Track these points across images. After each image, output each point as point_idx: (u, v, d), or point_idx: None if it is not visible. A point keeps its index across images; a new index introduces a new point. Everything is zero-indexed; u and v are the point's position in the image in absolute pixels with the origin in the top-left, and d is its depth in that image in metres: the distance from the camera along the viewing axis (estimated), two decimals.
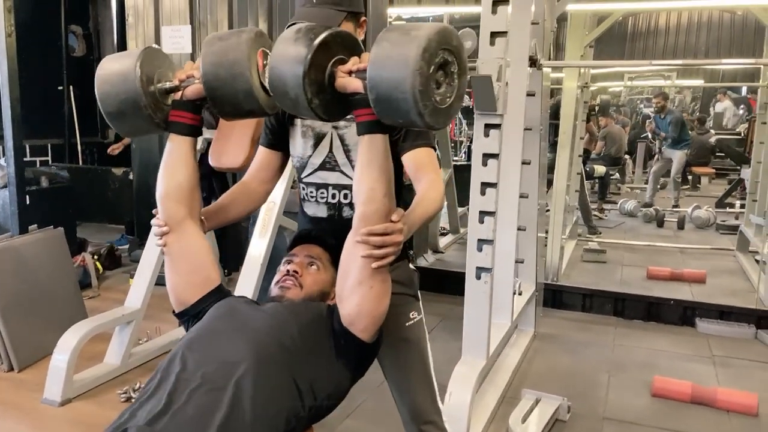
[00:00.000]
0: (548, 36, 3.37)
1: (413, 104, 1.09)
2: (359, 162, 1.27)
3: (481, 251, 2.41)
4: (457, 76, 1.17)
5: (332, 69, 1.22)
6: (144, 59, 1.35)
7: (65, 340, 2.83)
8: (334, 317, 1.36)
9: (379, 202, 1.25)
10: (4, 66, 3.18)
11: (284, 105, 1.26)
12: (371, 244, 1.26)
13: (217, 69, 1.30)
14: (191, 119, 1.40)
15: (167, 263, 1.46)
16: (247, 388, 1.18)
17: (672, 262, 5.29)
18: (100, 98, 1.37)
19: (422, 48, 1.07)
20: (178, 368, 1.24)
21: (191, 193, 1.44)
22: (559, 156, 4.59)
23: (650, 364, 3.36)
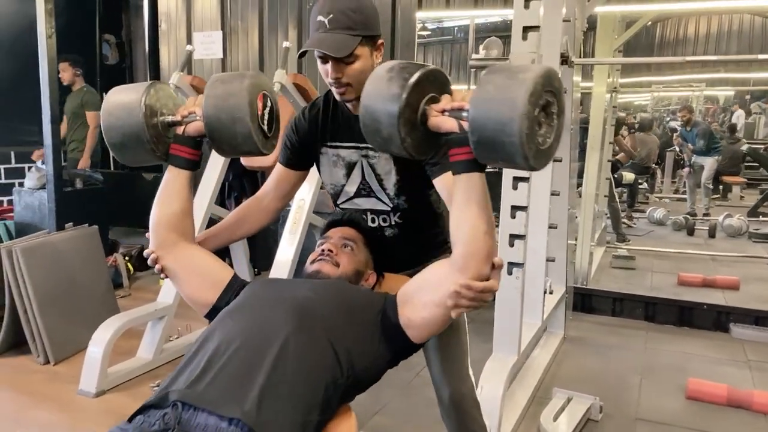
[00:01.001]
0: (579, 36, 3.37)
1: (519, 147, 1.06)
2: (456, 201, 1.22)
3: (512, 246, 2.41)
4: (556, 117, 1.16)
5: (424, 107, 1.20)
6: (149, 94, 1.40)
7: (100, 333, 2.89)
8: (388, 308, 1.36)
9: (481, 241, 1.20)
10: (45, 67, 3.27)
11: (374, 143, 1.26)
12: (464, 296, 1.20)
13: (218, 112, 1.36)
14: (191, 154, 1.46)
15: (173, 282, 1.52)
16: (288, 350, 1.21)
17: (703, 269, 5.19)
18: (105, 130, 1.42)
19: (530, 92, 1.06)
20: (219, 335, 1.27)
21: (183, 221, 1.50)
22: (589, 159, 4.56)
23: (683, 367, 3.30)
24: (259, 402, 1.13)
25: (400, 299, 1.34)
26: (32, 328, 3.09)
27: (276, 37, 4.93)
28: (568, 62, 2.82)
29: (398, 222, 1.70)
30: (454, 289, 1.19)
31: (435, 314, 1.29)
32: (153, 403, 1.19)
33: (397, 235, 1.71)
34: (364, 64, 1.51)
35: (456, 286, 1.19)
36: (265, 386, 1.16)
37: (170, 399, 1.16)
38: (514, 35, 2.27)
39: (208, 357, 1.22)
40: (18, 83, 5.72)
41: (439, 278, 1.27)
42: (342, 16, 1.47)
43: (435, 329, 1.33)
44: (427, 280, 1.32)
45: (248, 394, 1.14)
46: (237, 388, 1.16)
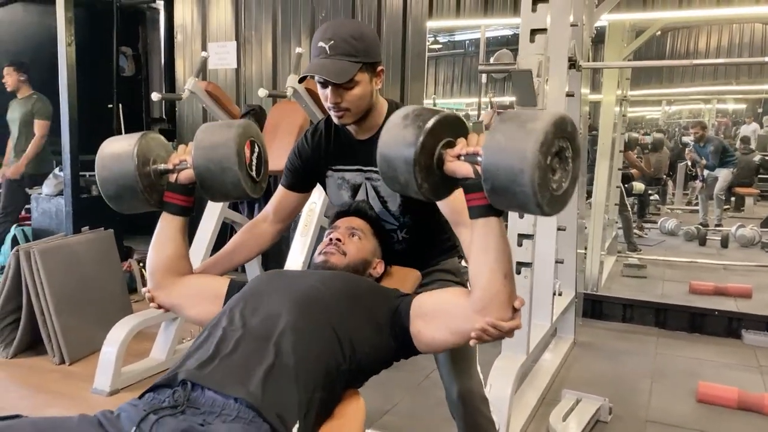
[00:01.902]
0: (587, 41, 3.41)
1: (532, 196, 1.06)
2: (475, 246, 1.23)
3: (521, 246, 2.43)
4: (571, 160, 1.14)
5: (440, 151, 1.21)
6: (141, 146, 1.43)
7: (114, 333, 2.94)
8: (401, 312, 1.37)
9: (500, 284, 1.21)
10: (64, 73, 3.36)
11: (392, 188, 1.28)
12: (488, 334, 1.22)
13: (208, 163, 1.40)
14: (184, 201, 1.50)
15: (175, 313, 1.58)
16: (291, 336, 1.25)
17: (715, 278, 5.16)
18: (100, 183, 1.45)
19: (540, 142, 1.05)
20: (226, 322, 1.32)
21: (179, 264, 1.54)
22: (599, 167, 4.58)
23: (694, 372, 3.29)
24: (263, 384, 1.17)
25: (415, 310, 1.35)
26: (48, 328, 3.15)
27: (289, 46, 5.01)
28: (576, 66, 2.86)
29: (405, 237, 1.74)
30: (481, 327, 1.20)
31: (447, 339, 1.32)
32: (163, 382, 1.23)
33: (405, 248, 1.75)
34: (363, 90, 1.54)
35: (483, 324, 1.20)
36: (268, 370, 1.20)
37: (179, 378, 1.20)
38: (521, 38, 2.32)
39: (216, 341, 1.26)
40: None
41: (457, 311, 1.28)
42: (343, 42, 1.50)
43: (442, 349, 1.39)
44: (446, 308, 1.32)
45: (253, 377, 1.18)
46: (243, 371, 1.20)
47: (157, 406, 1.17)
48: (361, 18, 4.71)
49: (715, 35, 10.72)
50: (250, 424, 1.12)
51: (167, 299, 1.53)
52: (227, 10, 5.29)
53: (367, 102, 1.58)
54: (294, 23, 5.02)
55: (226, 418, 1.13)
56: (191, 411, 1.15)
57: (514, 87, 2.35)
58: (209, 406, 1.16)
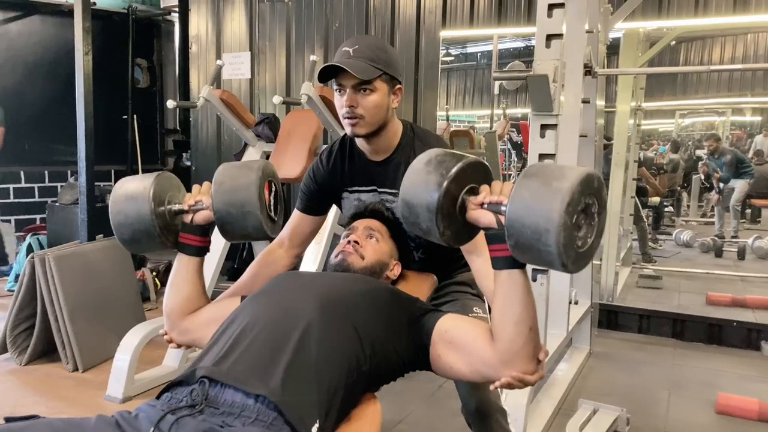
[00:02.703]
0: (602, 49, 3.40)
1: (557, 257, 1.03)
2: (499, 298, 1.19)
3: None
4: (597, 215, 1.11)
5: (463, 198, 1.18)
6: (155, 189, 1.41)
7: (127, 340, 2.94)
8: (424, 327, 1.34)
9: (526, 338, 1.17)
10: (81, 82, 3.38)
11: (413, 232, 1.26)
12: (512, 386, 1.20)
13: (228, 207, 1.38)
14: (200, 241, 1.48)
15: (195, 345, 1.54)
16: (312, 331, 1.24)
17: (732, 289, 5.09)
18: (115, 228, 1.43)
19: (566, 203, 1.02)
20: (245, 316, 1.30)
21: (195, 303, 1.51)
22: (613, 176, 4.55)
23: (712, 383, 3.23)
24: (283, 380, 1.15)
25: (438, 333, 1.32)
26: (62, 335, 3.15)
27: (303, 56, 5.04)
28: (591, 73, 2.84)
29: (422, 257, 1.74)
30: (506, 381, 1.18)
31: (465, 375, 1.30)
32: (180, 380, 1.21)
33: (420, 268, 1.76)
34: (380, 98, 1.54)
35: (508, 379, 1.17)
36: (289, 365, 1.18)
37: (197, 376, 1.19)
38: (537, 43, 2.30)
39: (235, 336, 1.25)
40: (53, 105, 5.93)
41: (482, 355, 1.24)
42: (367, 49, 1.52)
43: (455, 378, 1.37)
44: (472, 346, 1.27)
45: (273, 373, 1.16)
46: (262, 367, 1.18)
47: (175, 406, 1.15)
48: (374, 28, 4.73)
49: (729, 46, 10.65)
50: (270, 427, 1.11)
51: (184, 339, 1.52)
52: (241, 20, 5.34)
53: (382, 114, 1.57)
54: (308, 34, 5.05)
55: (245, 420, 1.12)
56: (210, 411, 1.14)
57: (530, 94, 2.33)
58: (228, 406, 1.14)
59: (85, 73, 3.37)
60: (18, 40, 6.04)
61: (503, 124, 6.27)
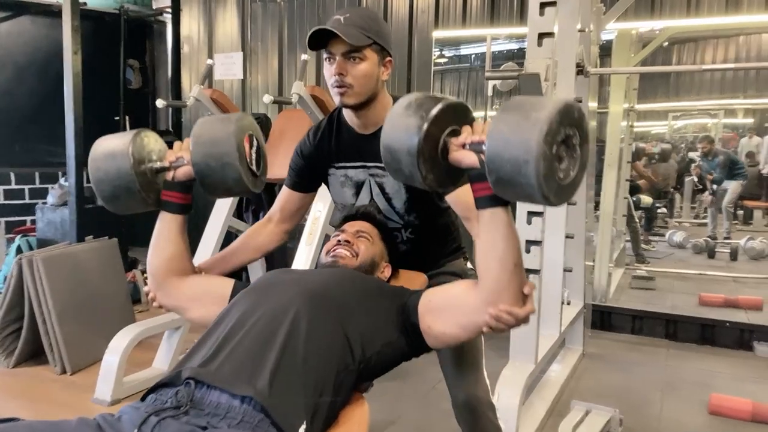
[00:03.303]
0: (594, 49, 3.39)
1: (538, 189, 1.02)
2: (482, 237, 1.19)
3: (529, 252, 2.39)
4: (579, 147, 1.09)
5: (445, 140, 1.17)
6: (135, 144, 1.38)
7: (116, 341, 2.91)
8: (409, 308, 1.34)
9: (510, 274, 1.17)
10: (69, 82, 3.35)
11: (397, 178, 1.24)
12: (503, 321, 1.18)
13: (207, 159, 1.35)
14: (182, 198, 1.45)
15: (179, 314, 1.52)
16: (300, 332, 1.21)
17: (725, 290, 5.09)
18: (94, 184, 1.40)
19: (544, 133, 1.00)
20: (232, 316, 1.28)
21: (180, 263, 1.49)
22: (606, 177, 4.54)
23: (705, 384, 3.22)
24: (270, 381, 1.13)
25: (423, 305, 1.32)
26: (50, 338, 3.12)
27: (295, 57, 5.01)
28: (584, 72, 2.83)
29: (410, 237, 1.71)
30: (494, 314, 1.16)
31: (458, 334, 1.28)
32: (166, 381, 1.19)
33: (409, 249, 1.72)
34: (370, 68, 1.52)
35: (496, 312, 1.16)
36: (276, 366, 1.16)
37: (183, 377, 1.16)
38: (529, 42, 2.30)
39: (222, 337, 1.23)
40: (43, 106, 5.87)
41: (468, 305, 1.24)
42: (359, 18, 1.51)
43: (453, 343, 1.34)
44: (455, 302, 1.28)
45: (260, 374, 1.14)
46: (249, 368, 1.16)
47: (159, 408, 1.13)
48: None
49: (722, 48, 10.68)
50: (256, 429, 1.09)
51: (168, 300, 1.49)
52: (233, 21, 5.31)
53: (372, 85, 1.55)
54: (300, 34, 5.03)
55: (231, 421, 1.10)
56: (194, 412, 1.11)
57: (522, 93, 2.32)
58: (213, 407, 1.12)
59: (74, 73, 3.35)
60: (7, 40, 5.99)
61: None
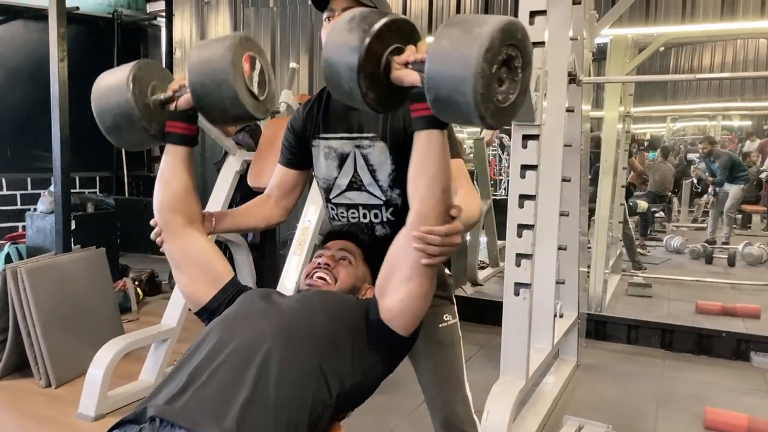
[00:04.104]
0: (587, 56, 3.34)
1: (474, 108, 1.01)
2: (415, 158, 1.19)
3: (519, 266, 2.35)
4: (521, 71, 1.07)
5: (388, 58, 1.14)
6: (136, 73, 1.36)
7: (101, 355, 2.85)
8: (370, 309, 1.31)
9: (437, 199, 1.18)
10: (56, 89, 3.30)
11: (339, 97, 1.22)
12: (429, 242, 1.19)
13: (202, 78, 1.30)
14: (185, 129, 1.41)
15: (172, 268, 1.46)
16: (272, 369, 1.15)
17: (722, 297, 5.04)
18: (96, 115, 1.38)
19: (484, 48, 0.98)
20: (202, 348, 1.22)
21: (187, 201, 1.45)
22: (602, 183, 4.50)
23: (701, 396, 3.18)
24: (239, 421, 1.07)
25: (377, 294, 1.30)
26: (35, 350, 3.06)
27: (287, 62, 4.96)
28: (576, 81, 2.79)
29: (390, 219, 1.63)
30: (415, 235, 1.17)
31: (410, 291, 1.24)
32: (131, 418, 1.14)
33: (388, 235, 1.63)
34: None
35: (416, 233, 1.17)
36: (245, 404, 1.10)
37: (148, 414, 1.11)
38: None
39: (190, 372, 1.17)
40: (36, 111, 5.82)
41: (399, 251, 1.25)
42: None
43: (416, 309, 1.27)
44: (390, 261, 1.28)
45: (228, 412, 1.09)
46: (217, 406, 1.10)
47: None
48: None
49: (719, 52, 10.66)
50: None
51: (177, 250, 1.43)
52: (226, 25, 5.27)
53: None
54: (293, 40, 4.98)
55: None
56: None
57: None
58: None
59: (60, 81, 3.29)
60: (0, 44, 5.95)
61: (491, 132, 6.20)
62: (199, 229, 1.47)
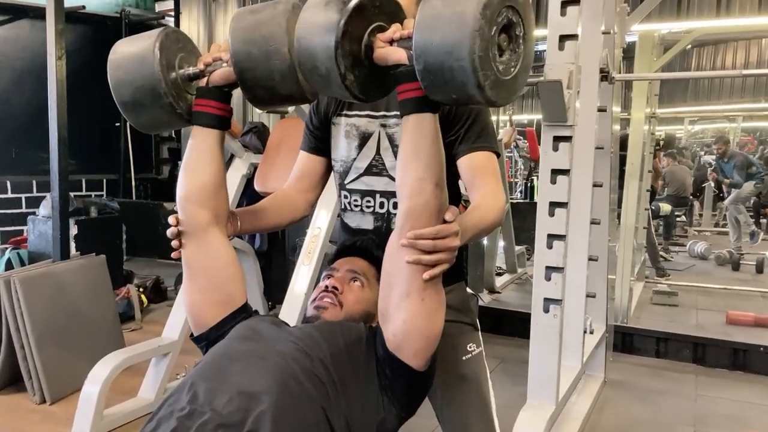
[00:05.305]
0: (618, 53, 3.12)
1: (472, 73, 0.89)
2: (403, 148, 1.07)
3: (549, 280, 2.14)
4: (522, 42, 0.98)
5: (370, 39, 1.04)
6: (163, 41, 1.18)
7: (97, 370, 2.66)
8: (378, 341, 1.12)
9: (429, 195, 1.04)
10: (54, 88, 3.16)
11: (314, 83, 1.07)
12: (419, 248, 1.03)
13: (249, 46, 1.12)
14: (218, 109, 1.22)
15: (186, 276, 1.25)
16: (266, 425, 0.95)
17: (753, 306, 4.79)
18: (114, 86, 1.20)
19: (482, 4, 0.88)
20: (186, 399, 1.01)
21: (216, 195, 1.24)
22: (628, 187, 4.27)
23: (741, 417, 2.95)
24: None
25: (381, 321, 1.13)
26: (29, 364, 2.90)
27: None
28: (608, 78, 2.58)
29: None
30: (403, 243, 1.04)
31: (412, 309, 1.06)
32: None
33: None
34: None
35: (404, 241, 1.04)
36: None
37: None
38: (549, 45, 2.04)
39: (171, 430, 0.96)
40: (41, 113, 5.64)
41: (392, 264, 1.09)
42: None
43: (424, 329, 1.08)
44: (385, 278, 1.12)
45: None
46: None
47: None
48: None
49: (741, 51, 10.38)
50: None
51: (195, 254, 1.23)
52: None
53: None
54: None
55: None
56: None
57: (542, 102, 2.07)
58: None
59: (58, 79, 3.14)
60: (5, 45, 5.82)
61: (509, 132, 6.01)
62: (223, 233, 1.26)
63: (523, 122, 10.85)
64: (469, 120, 1.33)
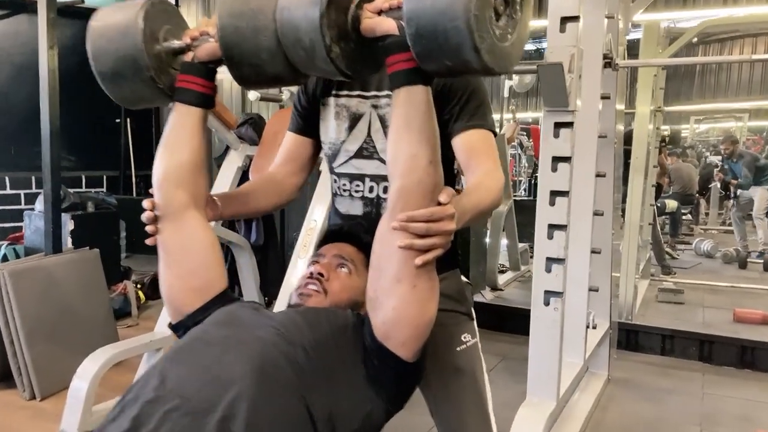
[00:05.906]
0: (622, 40, 3.04)
1: (467, 34, 0.83)
2: (394, 124, 1.00)
3: (549, 272, 2.07)
4: (519, 7, 0.94)
5: (357, 10, 0.99)
6: (149, 11, 1.12)
7: (86, 366, 2.59)
8: (366, 329, 1.05)
9: (422, 172, 0.97)
10: (45, 79, 3.09)
11: (297, 58, 1.01)
12: (411, 231, 0.96)
13: (236, 20, 1.05)
14: (202, 86, 1.15)
15: (162, 261, 1.18)
16: (241, 413, 0.88)
17: (761, 304, 4.69)
18: (93, 55, 1.14)
19: None
20: (154, 384, 0.94)
21: (195, 176, 1.17)
22: (633, 182, 4.19)
23: (749, 417, 2.87)
24: None
25: (369, 308, 1.06)
26: (18, 360, 2.84)
27: None
28: (612, 65, 2.50)
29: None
30: (394, 226, 0.98)
31: (402, 295, 1.00)
32: None
33: None
34: None
35: (396, 223, 0.97)
36: None
37: None
38: (550, 27, 1.97)
39: (133, 416, 0.90)
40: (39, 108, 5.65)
41: (383, 246, 1.03)
42: None
43: (413, 317, 1.02)
44: (374, 262, 1.05)
45: None
46: None
47: None
48: None
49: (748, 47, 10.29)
50: None
51: (172, 236, 1.16)
52: None
53: None
54: None
55: None
56: None
57: (542, 87, 2.00)
58: None
59: (50, 69, 3.07)
60: (4, 40, 5.78)
61: (512, 127, 5.93)
62: (202, 216, 1.19)
63: (528, 120, 10.79)
64: (465, 97, 1.26)
